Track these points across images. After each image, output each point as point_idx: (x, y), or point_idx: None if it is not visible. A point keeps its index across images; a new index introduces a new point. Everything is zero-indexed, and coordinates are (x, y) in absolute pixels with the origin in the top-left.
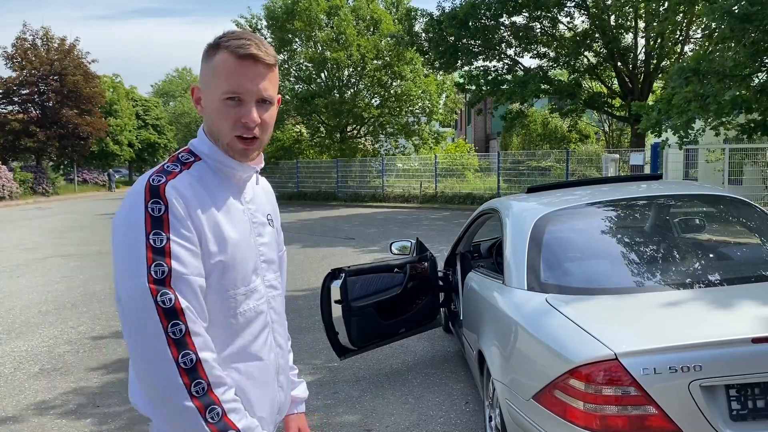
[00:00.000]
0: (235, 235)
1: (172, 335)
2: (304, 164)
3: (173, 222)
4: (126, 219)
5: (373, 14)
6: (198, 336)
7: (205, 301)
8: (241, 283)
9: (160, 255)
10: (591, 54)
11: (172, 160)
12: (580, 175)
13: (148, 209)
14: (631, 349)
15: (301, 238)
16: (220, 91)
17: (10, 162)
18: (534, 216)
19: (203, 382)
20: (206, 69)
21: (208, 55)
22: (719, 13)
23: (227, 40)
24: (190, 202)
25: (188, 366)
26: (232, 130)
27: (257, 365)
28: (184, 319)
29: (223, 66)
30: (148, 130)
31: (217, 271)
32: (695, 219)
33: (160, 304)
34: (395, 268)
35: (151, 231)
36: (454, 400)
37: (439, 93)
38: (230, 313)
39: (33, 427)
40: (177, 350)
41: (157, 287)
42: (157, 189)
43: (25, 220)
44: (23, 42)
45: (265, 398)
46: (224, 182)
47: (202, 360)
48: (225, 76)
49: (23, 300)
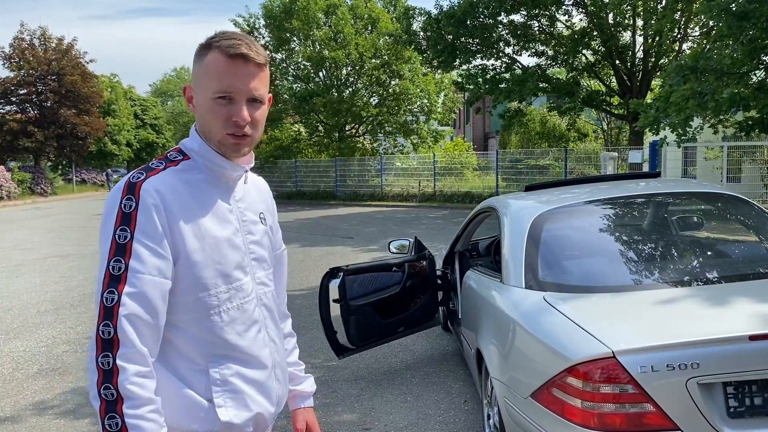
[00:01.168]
0: (219, 233)
1: (101, 333)
2: (303, 163)
3: (140, 220)
4: (105, 212)
5: (370, 13)
6: (124, 346)
7: (181, 299)
8: (223, 281)
9: (121, 251)
10: (589, 52)
11: (160, 158)
12: (579, 174)
13: (121, 205)
14: (628, 346)
15: (300, 237)
16: (211, 90)
17: (8, 162)
18: (532, 214)
19: (112, 389)
20: (198, 68)
21: (199, 55)
22: (717, 10)
23: (218, 40)
24: (166, 200)
25: (105, 368)
26: (223, 128)
27: (248, 362)
28: (115, 323)
29: (214, 66)
30: (147, 129)
31: (195, 269)
32: (693, 217)
33: (104, 300)
34: (394, 266)
35: (119, 226)
36: (453, 398)
37: (438, 92)
38: (213, 311)
39: (31, 427)
40: (101, 349)
41: (109, 283)
42: (133, 186)
43: (24, 220)
44: (21, 42)
45: (261, 394)
46: (212, 181)
47: (120, 368)
48: (216, 76)
49: (22, 300)
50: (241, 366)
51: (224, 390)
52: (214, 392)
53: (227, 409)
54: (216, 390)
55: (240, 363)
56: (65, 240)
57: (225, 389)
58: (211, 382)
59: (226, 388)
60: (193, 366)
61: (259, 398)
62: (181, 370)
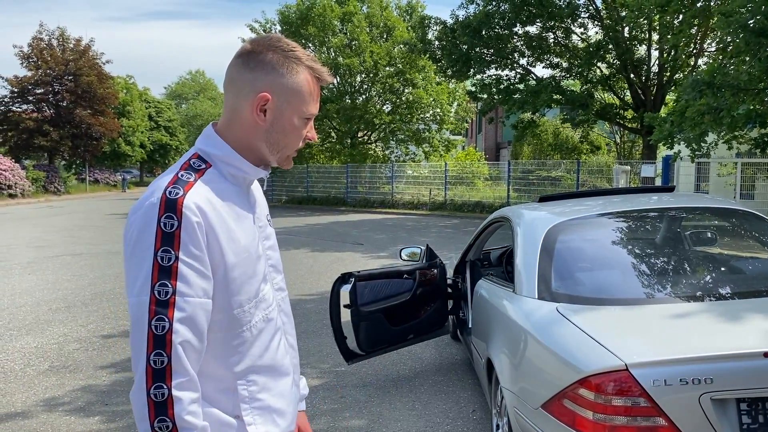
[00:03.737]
0: (249, 245)
1: (152, 364)
2: (315, 169)
3: (184, 239)
4: (138, 231)
5: (386, 21)
6: (179, 375)
7: (215, 317)
8: (254, 295)
9: (166, 274)
10: (604, 65)
11: (185, 168)
12: (591, 186)
13: (160, 224)
14: (641, 360)
15: (310, 243)
16: (303, 110)
17: (23, 160)
18: (546, 225)
19: (168, 421)
20: (285, 82)
21: (287, 68)
22: (734, 26)
23: (309, 61)
24: (207, 216)
25: (158, 399)
26: (298, 145)
27: (274, 373)
28: (170, 352)
29: (308, 88)
30: (160, 131)
31: (232, 285)
32: (707, 232)
33: (152, 328)
34: (405, 274)
35: (160, 248)
36: (461, 407)
37: (451, 101)
38: (245, 327)
39: (42, 423)
40: (153, 380)
41: (156, 309)
42: (174, 203)
43: (37, 218)
44: (39, 42)
45: (287, 405)
46: (235, 189)
47: (175, 398)
48: (312, 99)
49: (34, 297)
50: (267, 378)
51: (252, 407)
52: (243, 410)
53: (257, 426)
54: (244, 408)
55: (266, 374)
56: (78, 238)
57: (253, 406)
58: (240, 400)
59: (255, 405)
60: (219, 385)
61: (286, 408)
62: (207, 390)
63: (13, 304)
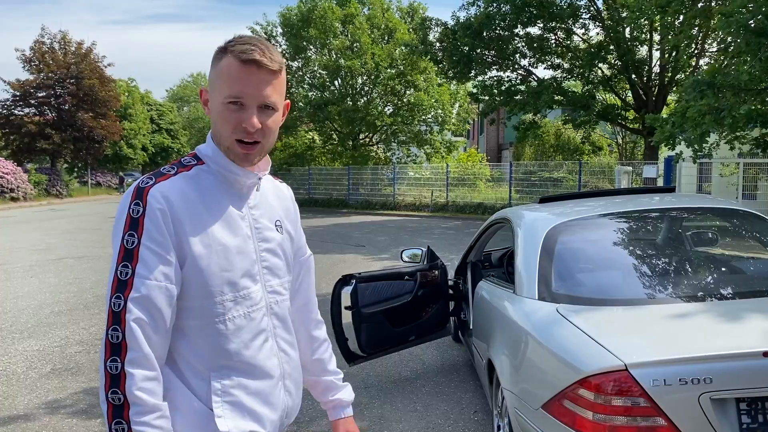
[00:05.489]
0: (227, 240)
1: (110, 338)
2: (316, 171)
3: (147, 225)
4: (117, 216)
5: (387, 23)
6: (132, 350)
7: (188, 305)
8: (230, 289)
9: (129, 257)
10: (605, 66)
11: (173, 163)
12: (593, 187)
13: (129, 210)
14: (641, 360)
15: (312, 245)
16: (223, 95)
17: (26, 164)
18: (546, 226)
19: (120, 393)
20: (213, 72)
21: (216, 59)
22: (735, 27)
23: (234, 45)
24: (174, 205)
25: (113, 372)
26: (232, 134)
27: (253, 373)
28: (123, 328)
29: (228, 70)
30: (162, 134)
31: (201, 275)
32: (708, 232)
33: (111, 305)
34: (406, 275)
35: (127, 232)
36: (463, 409)
37: (452, 102)
38: (218, 318)
39: (44, 426)
40: (109, 353)
41: (116, 288)
42: (142, 191)
43: (39, 221)
44: (41, 45)
45: (265, 405)
46: (224, 187)
47: (127, 373)
48: (228, 81)
49: (36, 300)
50: (243, 377)
51: (224, 401)
52: (214, 402)
53: (226, 420)
54: (215, 400)
55: (243, 374)
56: (80, 242)
57: (225, 400)
58: (212, 392)
59: (227, 399)
60: (196, 373)
61: (262, 410)
62: (187, 376)
63: (15, 307)
